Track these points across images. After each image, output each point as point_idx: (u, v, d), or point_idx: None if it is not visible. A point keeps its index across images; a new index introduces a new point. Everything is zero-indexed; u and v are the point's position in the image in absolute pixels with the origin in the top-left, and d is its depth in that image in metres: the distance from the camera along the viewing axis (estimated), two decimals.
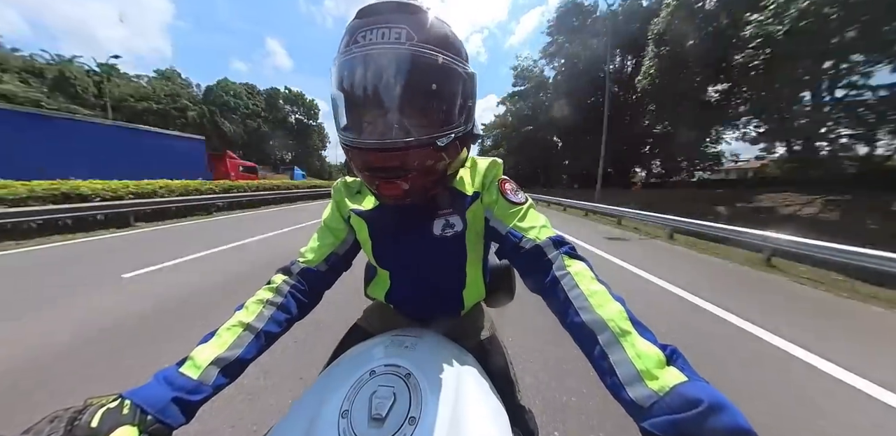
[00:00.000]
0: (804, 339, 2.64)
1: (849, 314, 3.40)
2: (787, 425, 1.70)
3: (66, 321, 2.64)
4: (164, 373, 0.47)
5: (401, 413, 0.46)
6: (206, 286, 3.57)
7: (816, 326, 3.00)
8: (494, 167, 0.72)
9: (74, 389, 1.81)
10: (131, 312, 2.83)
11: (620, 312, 0.45)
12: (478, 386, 0.56)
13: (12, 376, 1.91)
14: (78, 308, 2.90)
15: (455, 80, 0.53)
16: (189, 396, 0.45)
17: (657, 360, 0.39)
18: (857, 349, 2.53)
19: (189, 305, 3.05)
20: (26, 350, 2.20)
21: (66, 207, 6.73)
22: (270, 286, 0.64)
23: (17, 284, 3.59)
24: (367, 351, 0.64)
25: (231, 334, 0.54)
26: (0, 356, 2.11)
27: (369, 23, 0.49)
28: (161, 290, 3.41)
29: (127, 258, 4.68)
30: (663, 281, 4.24)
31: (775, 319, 3.06)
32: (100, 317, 2.74)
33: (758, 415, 1.71)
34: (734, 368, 2.23)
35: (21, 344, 2.28)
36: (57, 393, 1.77)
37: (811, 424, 1.71)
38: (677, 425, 0.33)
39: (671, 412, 0.34)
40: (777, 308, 3.45)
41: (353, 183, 0.78)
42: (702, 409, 0.33)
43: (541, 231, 0.60)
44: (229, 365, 0.51)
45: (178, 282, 3.69)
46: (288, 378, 1.94)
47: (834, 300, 3.83)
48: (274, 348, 0.61)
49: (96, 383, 1.87)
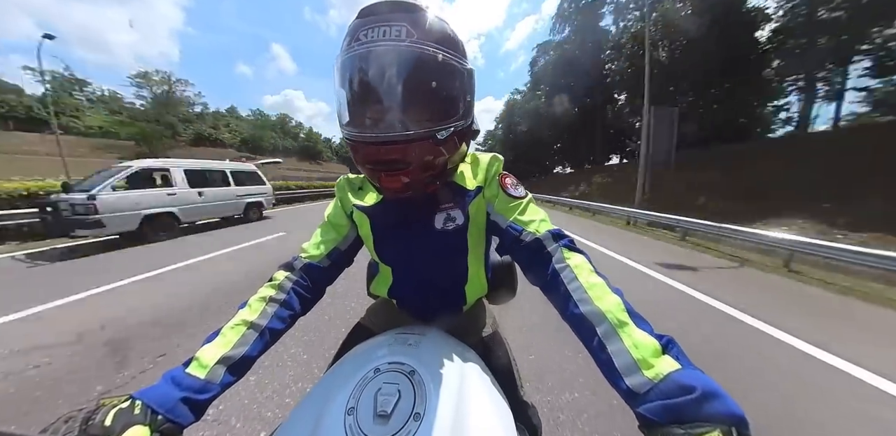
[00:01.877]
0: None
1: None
2: None
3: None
4: (172, 373, 0.47)
5: (405, 410, 0.46)
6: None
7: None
8: (496, 162, 0.73)
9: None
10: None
11: (618, 304, 0.46)
12: (481, 382, 0.57)
13: (211, 295, 3.19)
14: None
15: (453, 76, 0.54)
16: (197, 395, 0.46)
17: (653, 349, 0.40)
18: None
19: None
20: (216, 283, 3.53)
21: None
22: (273, 283, 0.65)
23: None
24: (371, 349, 0.64)
25: (235, 333, 0.55)
26: (199, 285, 3.46)
27: (370, 21, 0.51)
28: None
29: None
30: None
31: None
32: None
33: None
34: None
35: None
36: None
37: None
38: (671, 410, 0.34)
39: (665, 398, 0.35)
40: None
41: (355, 179, 0.79)
42: (696, 395, 0.34)
43: (540, 224, 0.61)
44: (235, 363, 0.52)
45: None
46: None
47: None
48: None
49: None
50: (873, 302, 3.57)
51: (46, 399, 1.71)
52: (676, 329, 2.66)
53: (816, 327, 2.83)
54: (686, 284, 3.88)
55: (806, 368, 2.20)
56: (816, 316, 3.11)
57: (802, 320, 2.94)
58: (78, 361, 2.06)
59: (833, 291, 3.92)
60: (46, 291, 3.29)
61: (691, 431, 0.32)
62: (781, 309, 3.23)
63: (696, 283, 3.97)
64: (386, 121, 0.52)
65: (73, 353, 2.15)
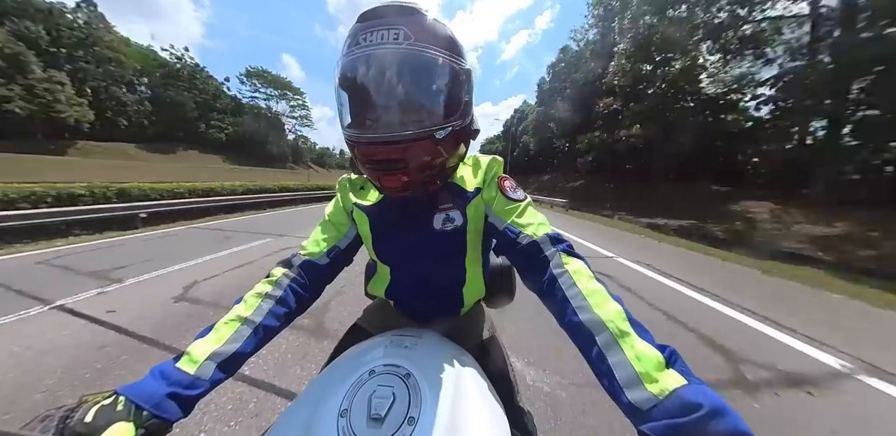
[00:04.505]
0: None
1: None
2: None
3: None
4: (160, 368, 0.46)
5: (400, 413, 0.45)
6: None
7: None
8: (495, 165, 0.73)
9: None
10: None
11: (619, 313, 0.45)
12: (477, 387, 0.56)
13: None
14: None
15: (451, 77, 0.55)
16: (186, 391, 0.45)
17: (656, 362, 0.39)
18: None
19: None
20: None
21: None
22: (269, 279, 0.64)
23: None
24: (366, 351, 0.63)
25: (229, 329, 0.54)
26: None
27: (369, 25, 0.52)
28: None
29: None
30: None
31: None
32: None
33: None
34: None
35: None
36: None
37: None
38: (677, 430, 0.33)
39: (670, 416, 0.34)
40: None
41: (357, 179, 0.79)
42: (702, 413, 0.32)
43: (538, 228, 0.60)
44: (226, 360, 0.51)
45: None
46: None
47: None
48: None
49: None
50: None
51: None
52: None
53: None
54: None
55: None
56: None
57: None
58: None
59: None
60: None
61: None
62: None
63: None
64: (385, 121, 0.53)
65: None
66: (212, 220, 8.81)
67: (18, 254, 4.61)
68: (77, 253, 4.74)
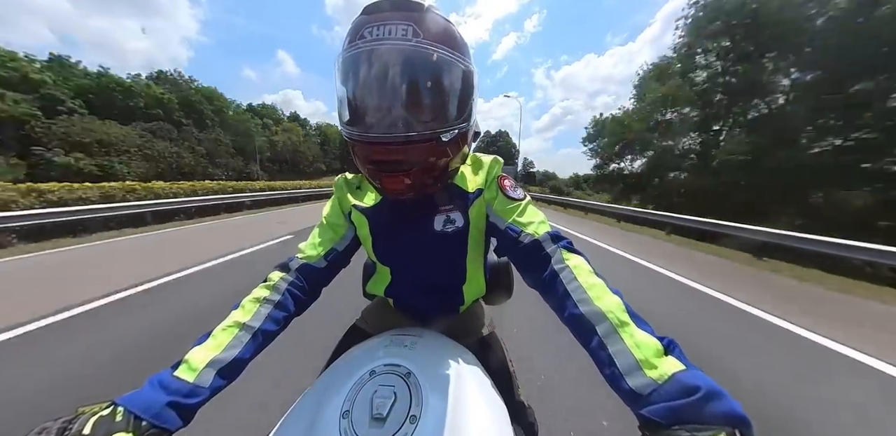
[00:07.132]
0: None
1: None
2: None
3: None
4: (158, 377, 0.45)
5: (402, 412, 0.45)
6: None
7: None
8: (496, 165, 0.73)
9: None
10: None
11: (619, 305, 0.46)
12: (478, 383, 0.56)
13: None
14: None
15: (459, 77, 0.54)
16: (185, 399, 0.44)
17: (656, 349, 0.40)
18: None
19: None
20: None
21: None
22: (267, 284, 0.63)
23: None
24: (366, 351, 0.63)
25: (227, 335, 0.53)
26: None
27: (375, 19, 0.49)
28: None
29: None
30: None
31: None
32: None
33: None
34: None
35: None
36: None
37: None
38: (675, 411, 0.34)
39: (669, 399, 0.35)
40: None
41: (354, 179, 0.77)
42: (699, 396, 0.33)
43: (539, 226, 0.60)
44: (226, 366, 0.50)
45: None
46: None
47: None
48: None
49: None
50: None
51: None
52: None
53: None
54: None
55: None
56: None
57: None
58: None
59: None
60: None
61: (695, 433, 0.31)
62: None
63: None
64: (390, 121, 0.51)
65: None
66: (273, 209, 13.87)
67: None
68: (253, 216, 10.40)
